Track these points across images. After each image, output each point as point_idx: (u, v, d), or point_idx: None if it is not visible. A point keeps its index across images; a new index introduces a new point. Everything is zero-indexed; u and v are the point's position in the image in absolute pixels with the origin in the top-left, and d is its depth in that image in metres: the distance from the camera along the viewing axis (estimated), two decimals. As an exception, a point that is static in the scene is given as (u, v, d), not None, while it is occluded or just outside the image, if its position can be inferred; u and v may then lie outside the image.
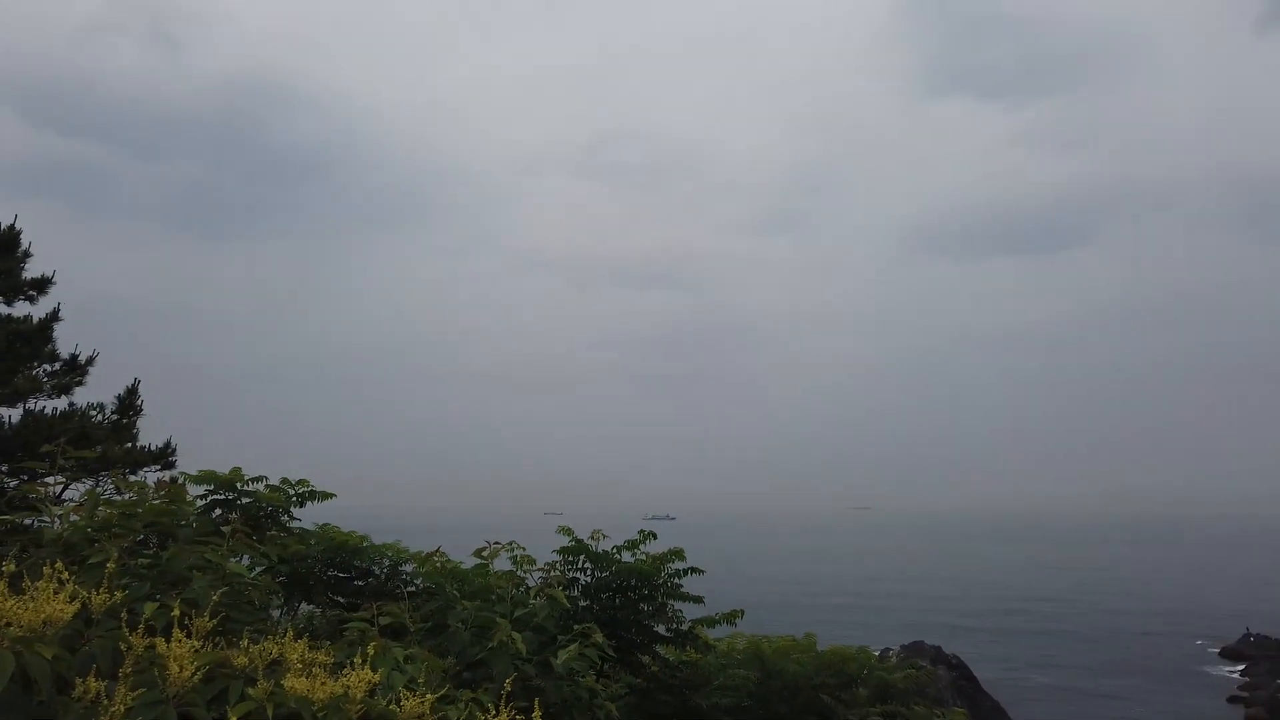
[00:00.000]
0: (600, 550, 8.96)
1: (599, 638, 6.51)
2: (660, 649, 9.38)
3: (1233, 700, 57.32)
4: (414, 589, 7.71)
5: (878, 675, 11.88)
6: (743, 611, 9.55)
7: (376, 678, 3.77)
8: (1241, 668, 65.50)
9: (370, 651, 4.07)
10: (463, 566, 7.56)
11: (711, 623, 9.56)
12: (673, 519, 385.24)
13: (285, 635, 4.13)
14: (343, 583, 8.31)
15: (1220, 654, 71.48)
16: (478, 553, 7.53)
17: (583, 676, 6.67)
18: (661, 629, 9.16)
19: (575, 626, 6.76)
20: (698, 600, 9.39)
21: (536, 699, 4.34)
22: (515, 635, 5.92)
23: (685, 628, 9.22)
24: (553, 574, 8.05)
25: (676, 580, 9.08)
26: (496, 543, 7.61)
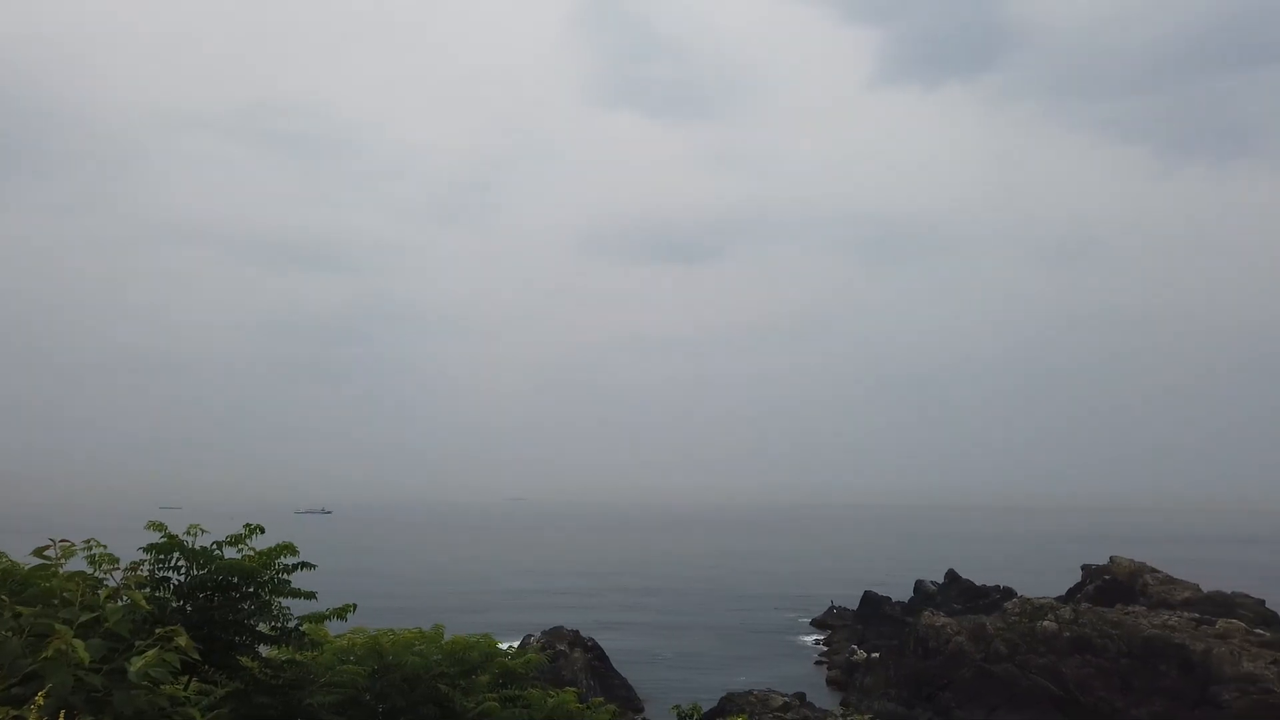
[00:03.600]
0: (198, 546, 8.31)
1: (183, 640, 6.08)
2: (265, 649, 8.91)
3: (818, 664, 67.80)
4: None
5: (499, 662, 12.27)
6: (354, 605, 9.33)
7: None
8: (826, 635, 77.48)
9: None
10: (22, 567, 6.66)
11: (322, 618, 9.25)
12: (329, 513, 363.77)
13: None
14: None
15: (811, 624, 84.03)
16: (39, 552, 6.66)
17: (165, 684, 6.21)
18: (265, 628, 8.70)
19: (158, 630, 6.26)
20: (309, 596, 9.05)
21: (76, 713, 4.00)
22: (77, 643, 5.38)
23: (292, 625, 8.84)
24: (134, 574, 7.35)
25: (285, 576, 8.68)
26: (66, 540, 6.79)
